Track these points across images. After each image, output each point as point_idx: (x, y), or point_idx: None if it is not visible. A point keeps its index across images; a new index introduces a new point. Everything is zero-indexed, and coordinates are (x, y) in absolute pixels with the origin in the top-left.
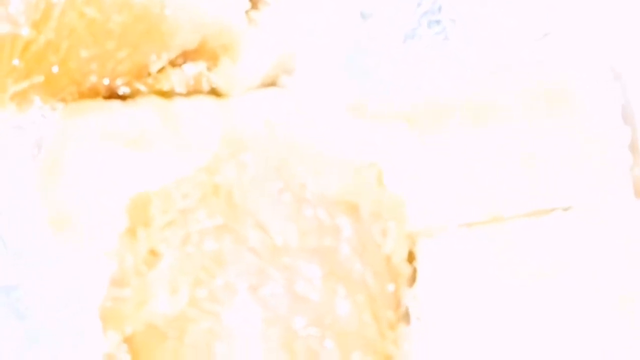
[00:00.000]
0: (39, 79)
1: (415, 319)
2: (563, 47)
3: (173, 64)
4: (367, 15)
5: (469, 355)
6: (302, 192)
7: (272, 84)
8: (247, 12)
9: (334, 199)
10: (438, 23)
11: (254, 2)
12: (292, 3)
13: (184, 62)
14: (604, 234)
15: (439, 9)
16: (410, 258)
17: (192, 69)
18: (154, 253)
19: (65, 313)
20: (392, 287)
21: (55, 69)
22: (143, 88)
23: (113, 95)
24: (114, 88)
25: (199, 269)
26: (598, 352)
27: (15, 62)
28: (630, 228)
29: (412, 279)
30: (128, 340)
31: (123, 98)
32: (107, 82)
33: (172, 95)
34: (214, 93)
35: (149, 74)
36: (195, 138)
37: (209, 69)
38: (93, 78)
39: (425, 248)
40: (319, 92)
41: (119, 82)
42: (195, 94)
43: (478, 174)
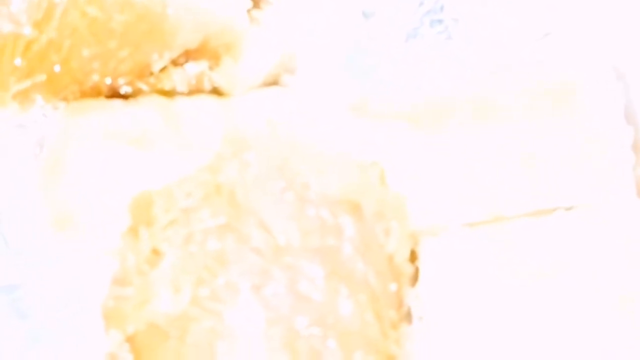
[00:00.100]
0: (41, 78)
1: (418, 319)
2: (565, 46)
3: (175, 63)
4: (369, 15)
5: (471, 355)
6: (304, 191)
7: (274, 83)
8: (249, 11)
9: (337, 199)
10: (440, 22)
11: (256, 1)
12: (294, 2)
13: (186, 61)
14: (606, 234)
15: (441, 8)
16: (413, 257)
17: (194, 68)
18: (157, 252)
19: (67, 312)
20: (394, 286)
21: (57, 68)
22: (145, 87)
23: (115, 95)
24: (116, 87)
25: (202, 268)
26: (599, 351)
27: (18, 61)
28: (633, 228)
29: (414, 279)
30: (130, 340)
31: (125, 97)
32: (109, 81)
33: (174, 95)
34: (216, 92)
35: (151, 73)
36: (198, 137)
37: (211, 68)
38: (95, 77)
39: (428, 247)
40: (321, 91)
41: (121, 81)
42: (197, 93)
43: (480, 174)
